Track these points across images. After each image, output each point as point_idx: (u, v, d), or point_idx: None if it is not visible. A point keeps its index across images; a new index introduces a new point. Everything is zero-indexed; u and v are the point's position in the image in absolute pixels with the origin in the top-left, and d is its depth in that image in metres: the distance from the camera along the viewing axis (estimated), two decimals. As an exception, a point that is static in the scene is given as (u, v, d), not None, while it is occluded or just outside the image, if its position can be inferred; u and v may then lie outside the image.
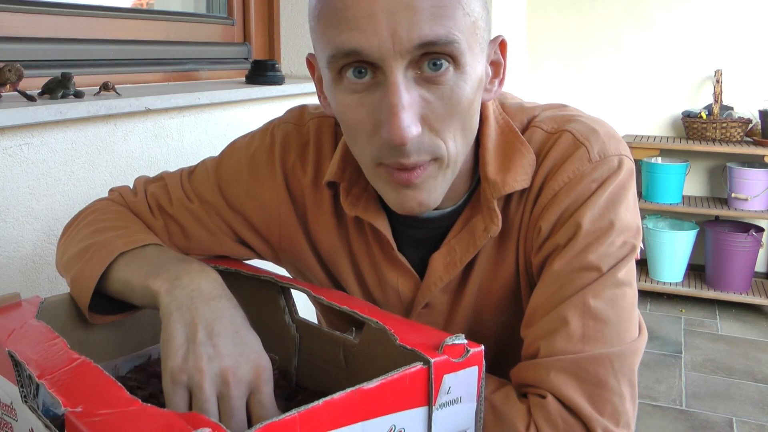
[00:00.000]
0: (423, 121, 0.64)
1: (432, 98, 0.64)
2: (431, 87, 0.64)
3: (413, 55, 0.61)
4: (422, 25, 0.60)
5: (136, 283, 0.69)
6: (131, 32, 1.50)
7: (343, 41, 0.62)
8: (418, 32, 0.60)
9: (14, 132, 1.04)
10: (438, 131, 0.65)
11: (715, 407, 2.59)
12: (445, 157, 0.67)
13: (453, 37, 0.62)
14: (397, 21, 0.60)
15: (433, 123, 0.65)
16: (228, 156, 0.87)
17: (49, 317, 0.68)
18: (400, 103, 0.62)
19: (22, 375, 0.57)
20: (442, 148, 0.66)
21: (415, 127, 0.62)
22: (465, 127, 0.68)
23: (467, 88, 0.65)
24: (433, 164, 0.67)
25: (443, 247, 0.77)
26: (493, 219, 0.73)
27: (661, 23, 3.59)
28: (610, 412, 0.66)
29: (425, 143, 0.65)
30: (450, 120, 0.65)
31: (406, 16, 0.60)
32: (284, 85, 1.70)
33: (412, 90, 0.63)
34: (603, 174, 0.71)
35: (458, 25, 0.62)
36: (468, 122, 0.68)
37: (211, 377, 0.58)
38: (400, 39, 0.61)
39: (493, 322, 0.80)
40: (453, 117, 0.65)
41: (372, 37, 0.61)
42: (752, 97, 3.47)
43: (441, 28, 0.61)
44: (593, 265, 0.69)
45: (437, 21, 0.61)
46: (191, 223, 0.85)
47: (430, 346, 0.57)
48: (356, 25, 0.61)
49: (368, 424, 0.51)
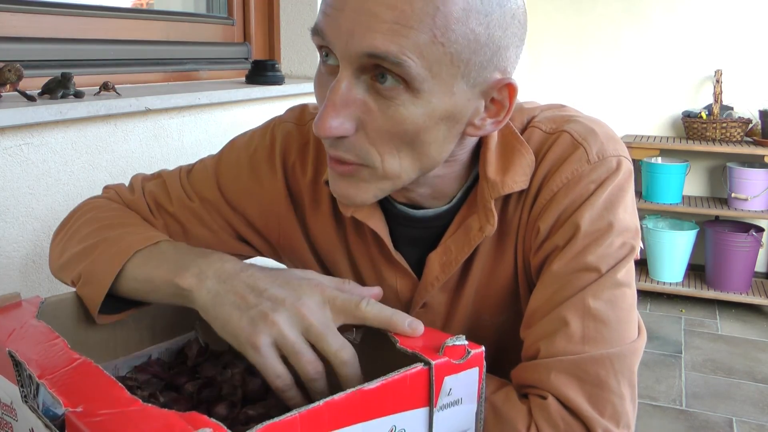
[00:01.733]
0: (360, 126, 0.64)
1: (375, 109, 0.63)
2: (378, 98, 0.63)
3: (362, 61, 0.61)
4: (376, 35, 0.59)
5: (160, 281, 0.68)
6: (131, 32, 1.50)
7: (318, 21, 0.64)
8: (370, 42, 0.60)
9: (14, 132, 1.04)
10: (374, 142, 0.65)
11: (715, 407, 2.59)
12: (380, 170, 0.66)
13: (403, 59, 0.60)
14: (357, 23, 0.60)
15: (369, 132, 0.64)
16: (228, 154, 0.87)
17: (49, 317, 0.68)
18: (332, 100, 0.62)
19: (22, 375, 0.57)
20: (376, 160, 0.65)
21: (338, 124, 0.62)
22: (415, 153, 0.66)
23: (418, 113, 0.63)
24: (363, 169, 0.66)
25: (439, 247, 0.77)
26: (489, 219, 0.73)
27: (661, 23, 3.59)
28: (611, 412, 0.66)
29: (356, 147, 0.65)
30: (388, 137, 0.64)
31: (365, 21, 0.60)
32: (284, 85, 1.70)
33: (359, 92, 0.63)
34: (601, 175, 0.71)
35: (419, 49, 0.60)
36: (420, 148, 0.65)
37: (286, 322, 0.58)
38: (353, 42, 0.61)
39: (491, 322, 0.80)
40: (392, 136, 0.64)
41: (334, 29, 0.62)
42: (752, 97, 3.47)
43: (394, 45, 0.59)
44: (592, 265, 0.69)
45: (393, 38, 0.59)
46: (192, 221, 0.84)
47: (431, 347, 0.57)
48: (329, 12, 0.63)
49: (369, 424, 0.51)
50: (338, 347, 0.58)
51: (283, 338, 0.58)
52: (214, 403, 0.68)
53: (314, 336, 0.58)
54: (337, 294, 0.62)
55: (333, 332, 0.59)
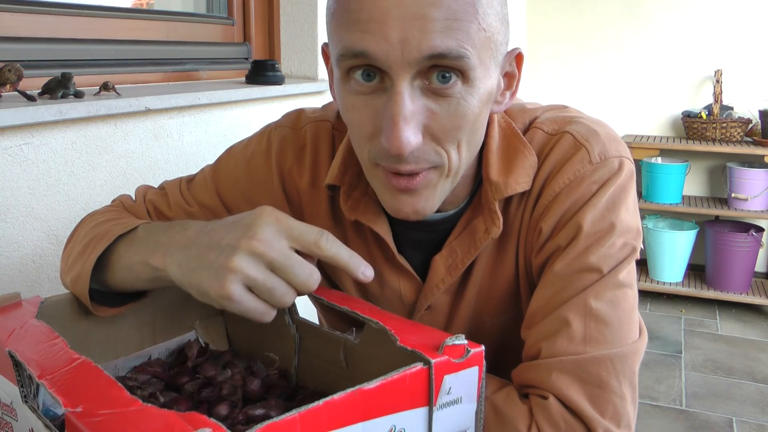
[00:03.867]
0: (426, 131, 0.64)
1: (437, 109, 0.63)
2: (437, 98, 0.63)
3: (422, 65, 0.61)
4: (433, 36, 0.60)
5: (139, 267, 0.68)
6: (131, 32, 1.50)
7: (353, 42, 0.62)
8: (429, 43, 0.60)
9: (14, 132, 1.04)
10: (441, 141, 0.65)
11: (715, 407, 2.59)
12: (446, 167, 0.67)
13: (463, 52, 0.61)
14: (409, 29, 0.59)
15: (437, 134, 0.64)
16: (225, 161, 0.87)
17: (49, 317, 0.68)
18: (402, 114, 0.61)
19: (22, 375, 0.57)
20: (444, 158, 0.66)
21: (414, 138, 0.62)
22: (470, 140, 0.67)
23: (474, 102, 0.64)
24: (432, 172, 0.67)
25: (444, 250, 0.77)
26: (494, 220, 0.73)
27: (661, 23, 3.59)
28: (612, 413, 0.66)
29: (426, 152, 0.65)
30: (454, 132, 0.65)
31: (418, 25, 0.59)
32: (284, 85, 1.70)
33: (417, 99, 0.62)
34: (603, 176, 0.71)
35: (471, 39, 0.61)
36: (474, 135, 0.67)
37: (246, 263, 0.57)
38: (410, 48, 0.60)
39: (493, 322, 0.80)
40: (458, 130, 0.65)
41: (381, 42, 0.60)
42: (752, 97, 3.47)
43: (452, 41, 0.60)
44: (594, 266, 0.69)
45: (449, 33, 0.60)
46: (189, 226, 0.84)
47: (431, 346, 0.57)
48: (367, 28, 0.61)
49: (368, 424, 0.51)
50: (305, 278, 0.58)
51: (249, 280, 0.57)
52: (214, 403, 0.68)
53: (278, 269, 0.58)
54: (294, 224, 0.60)
55: (296, 262, 0.58)
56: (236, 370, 0.74)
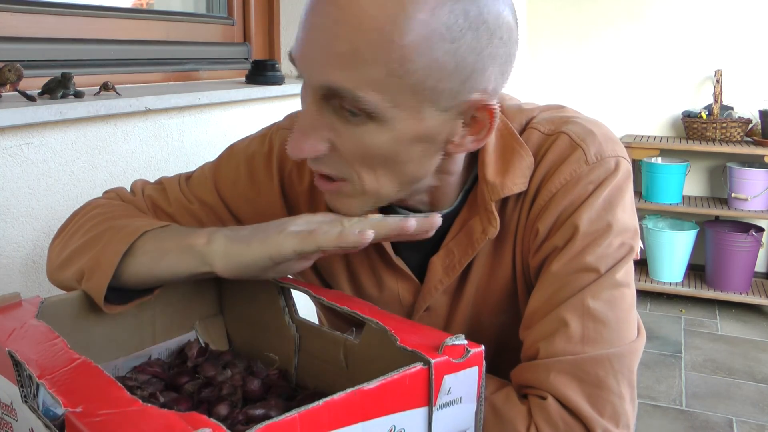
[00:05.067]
0: (332, 147, 0.65)
1: (343, 132, 0.64)
2: (345, 123, 0.63)
3: (324, 92, 0.62)
4: (332, 70, 0.60)
5: (172, 246, 0.70)
6: (131, 32, 1.50)
7: (293, 48, 0.65)
8: (326, 76, 0.61)
9: (14, 132, 1.04)
10: (348, 161, 0.66)
11: (715, 407, 2.59)
12: (359, 186, 0.67)
13: (359, 95, 0.60)
14: (315, 57, 0.61)
15: (343, 153, 0.65)
16: (226, 159, 0.87)
17: (49, 317, 0.68)
18: (300, 124, 0.64)
19: (22, 375, 0.57)
20: (353, 176, 0.67)
21: (311, 148, 0.64)
22: (393, 172, 0.66)
23: (383, 139, 0.63)
24: (344, 184, 0.68)
25: (442, 250, 0.77)
26: (491, 221, 0.73)
27: (661, 23, 3.59)
28: (610, 413, 0.66)
29: (332, 163, 0.66)
30: (361, 160, 0.65)
31: (322, 56, 0.61)
32: (284, 85, 1.70)
33: (326, 115, 0.64)
34: (600, 176, 0.71)
35: (374, 83, 0.60)
36: (396, 167, 0.66)
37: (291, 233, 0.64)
38: (314, 75, 0.62)
39: (491, 323, 0.80)
40: (364, 159, 0.65)
41: (300, 59, 0.64)
42: (752, 97, 3.47)
43: (349, 81, 0.60)
44: (591, 266, 0.69)
45: (348, 73, 0.59)
46: (190, 222, 0.84)
47: (430, 346, 0.57)
48: (298, 41, 0.64)
49: (368, 424, 0.51)
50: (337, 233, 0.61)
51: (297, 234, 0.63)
52: (214, 403, 0.68)
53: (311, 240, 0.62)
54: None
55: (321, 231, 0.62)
56: (236, 370, 0.74)
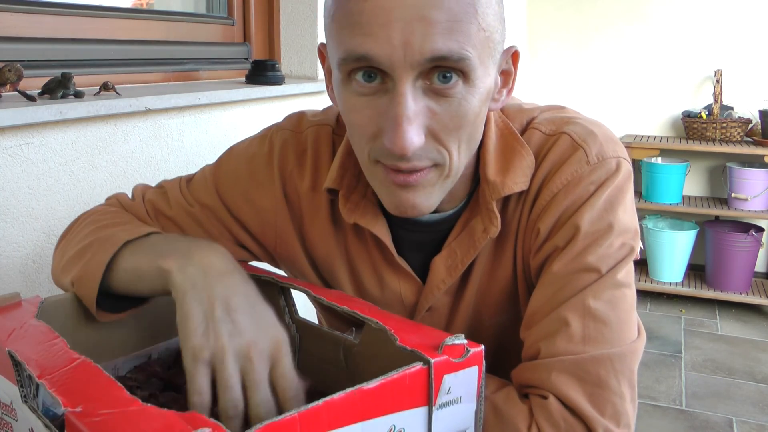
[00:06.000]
0: (428, 131, 0.64)
1: (439, 110, 0.64)
2: (439, 99, 0.63)
3: (424, 66, 0.61)
4: (435, 38, 0.60)
5: (146, 267, 0.68)
6: (131, 32, 1.50)
7: (356, 46, 0.62)
8: (431, 45, 0.60)
9: (14, 132, 1.04)
10: (442, 141, 0.65)
11: (715, 407, 2.59)
12: (447, 166, 0.67)
13: (465, 53, 0.61)
14: (411, 32, 0.60)
15: (438, 133, 0.65)
16: (226, 161, 0.87)
17: (49, 317, 0.68)
18: (405, 115, 0.61)
19: (22, 375, 0.57)
20: (445, 157, 0.66)
21: (417, 138, 0.62)
22: (470, 138, 0.68)
23: (475, 101, 0.65)
24: (433, 170, 0.67)
25: (444, 250, 0.77)
26: (492, 220, 0.73)
27: (661, 23, 3.59)
28: (611, 412, 0.66)
29: (428, 151, 0.65)
30: (456, 132, 0.65)
31: (420, 27, 0.60)
32: (284, 85, 1.70)
33: (420, 100, 0.63)
34: (601, 176, 0.71)
35: (471, 40, 0.62)
36: (474, 133, 0.68)
37: (233, 353, 0.57)
38: (412, 50, 0.60)
39: (491, 322, 0.80)
40: (459, 129, 0.65)
41: (384, 45, 0.61)
42: (752, 97, 3.47)
43: (454, 42, 0.61)
44: (592, 266, 0.69)
45: (451, 35, 0.61)
46: (191, 225, 0.85)
47: (430, 346, 0.57)
48: (370, 31, 0.61)
49: (368, 424, 0.51)
50: (259, 402, 0.57)
51: (223, 366, 0.57)
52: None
53: (248, 380, 0.57)
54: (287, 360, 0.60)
55: (264, 386, 0.58)
56: (236, 369, 0.74)
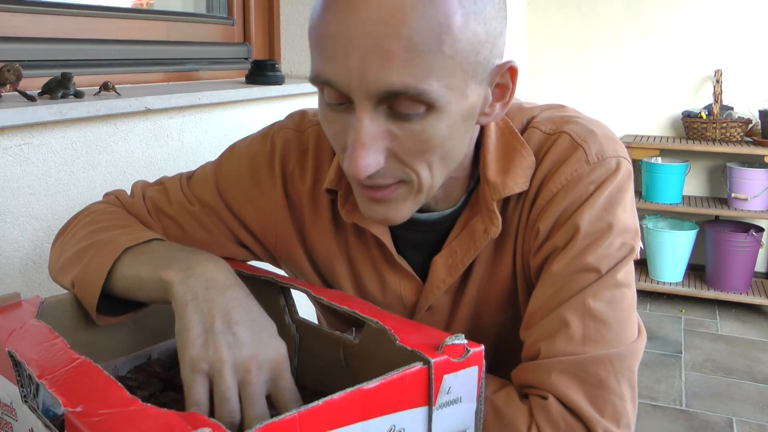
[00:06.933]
0: (390, 154, 0.64)
1: (401, 133, 0.63)
2: (402, 123, 0.62)
3: (381, 96, 0.60)
4: (391, 72, 0.59)
5: (146, 276, 0.68)
6: (131, 32, 1.50)
7: (320, 70, 0.63)
8: (387, 79, 0.59)
9: (14, 132, 1.04)
10: (406, 163, 0.65)
11: (715, 407, 2.59)
12: (415, 183, 0.66)
13: (422, 87, 0.59)
14: (368, 62, 0.59)
15: (402, 156, 0.64)
16: (228, 159, 0.87)
17: (49, 317, 0.68)
18: (360, 141, 0.61)
19: (22, 375, 0.57)
20: (412, 177, 0.66)
21: (374, 162, 0.62)
22: (444, 157, 0.66)
23: (442, 126, 0.63)
24: (402, 186, 0.67)
25: (444, 250, 0.77)
26: (493, 220, 0.73)
27: (661, 23, 3.59)
28: (611, 413, 0.66)
29: (392, 170, 0.65)
30: (421, 155, 0.64)
31: (376, 59, 0.59)
32: (284, 85, 1.70)
33: (381, 124, 0.62)
34: (601, 176, 0.71)
35: (435, 71, 0.60)
36: (449, 152, 0.66)
37: (232, 365, 0.57)
38: (368, 81, 0.59)
39: (491, 322, 0.80)
40: (425, 153, 0.64)
41: (342, 72, 0.60)
42: (752, 97, 3.47)
43: (410, 78, 0.59)
44: (592, 266, 0.69)
45: (408, 68, 0.59)
46: (191, 224, 0.84)
47: (430, 346, 0.57)
48: (332, 57, 0.61)
49: (368, 424, 0.51)
50: (255, 416, 0.57)
51: (221, 378, 0.57)
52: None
53: (246, 393, 0.57)
54: (286, 375, 0.60)
55: (261, 402, 0.58)
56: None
